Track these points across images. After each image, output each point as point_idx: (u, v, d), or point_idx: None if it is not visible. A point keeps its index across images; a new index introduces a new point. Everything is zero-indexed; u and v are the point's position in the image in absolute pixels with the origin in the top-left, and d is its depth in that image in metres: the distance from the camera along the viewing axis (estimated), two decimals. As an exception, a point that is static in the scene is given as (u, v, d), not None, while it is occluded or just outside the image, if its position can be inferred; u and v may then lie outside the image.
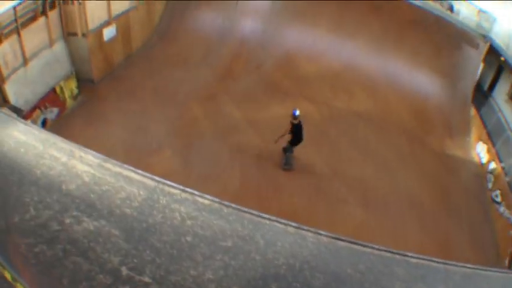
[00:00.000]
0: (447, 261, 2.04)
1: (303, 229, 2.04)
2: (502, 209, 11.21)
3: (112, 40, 12.12)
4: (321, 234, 2.05)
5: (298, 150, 9.64)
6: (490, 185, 12.26)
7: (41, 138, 1.90)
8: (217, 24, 13.76)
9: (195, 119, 10.64)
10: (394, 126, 12.97)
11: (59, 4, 10.25)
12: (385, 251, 1.93)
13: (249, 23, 13.60)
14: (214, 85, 11.77)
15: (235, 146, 10.07)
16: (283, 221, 1.96)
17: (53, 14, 10.15)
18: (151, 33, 13.96)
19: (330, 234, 2.02)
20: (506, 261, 9.98)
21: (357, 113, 12.65)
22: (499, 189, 11.68)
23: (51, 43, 10.18)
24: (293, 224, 2.04)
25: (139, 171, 1.77)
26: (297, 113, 9.02)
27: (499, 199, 11.58)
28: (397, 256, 1.90)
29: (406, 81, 14.35)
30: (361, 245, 1.99)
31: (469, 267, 2.10)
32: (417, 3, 15.08)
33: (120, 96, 11.01)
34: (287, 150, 9.70)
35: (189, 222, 1.61)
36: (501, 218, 11.08)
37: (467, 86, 14.72)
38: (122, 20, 12.54)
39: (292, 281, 1.67)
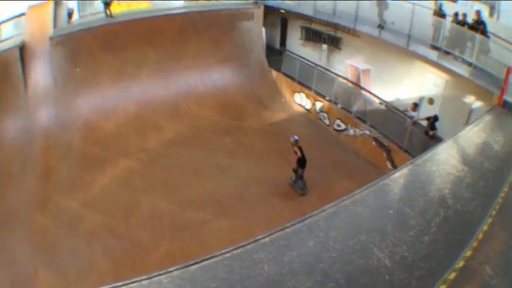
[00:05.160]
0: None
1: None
2: (351, 131, 10.96)
3: None
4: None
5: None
6: (327, 122, 12.11)
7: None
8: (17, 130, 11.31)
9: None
10: (211, 131, 12.23)
11: None
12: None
13: (43, 112, 11.49)
14: (44, 188, 9.86)
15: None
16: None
17: None
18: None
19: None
20: (389, 165, 9.65)
21: (170, 141, 11.74)
22: (338, 118, 11.48)
23: None
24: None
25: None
26: (296, 138, 9.04)
27: (342, 126, 11.35)
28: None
29: (210, 85, 13.94)
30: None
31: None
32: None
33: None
34: (300, 175, 9.24)
35: None
36: (356, 139, 10.72)
37: (259, 56, 14.94)
38: None
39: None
